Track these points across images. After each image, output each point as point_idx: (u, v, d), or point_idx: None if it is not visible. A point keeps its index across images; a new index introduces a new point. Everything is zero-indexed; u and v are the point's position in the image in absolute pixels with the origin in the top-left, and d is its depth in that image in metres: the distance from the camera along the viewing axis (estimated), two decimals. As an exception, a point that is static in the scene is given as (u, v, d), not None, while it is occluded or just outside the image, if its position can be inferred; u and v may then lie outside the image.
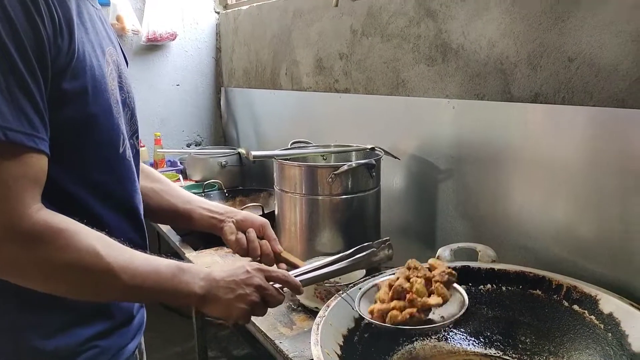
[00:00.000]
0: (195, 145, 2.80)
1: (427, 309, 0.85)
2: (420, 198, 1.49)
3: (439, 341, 1.05)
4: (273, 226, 1.11)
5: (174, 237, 1.80)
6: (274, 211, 1.73)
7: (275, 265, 1.02)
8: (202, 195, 1.95)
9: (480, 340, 1.04)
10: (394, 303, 0.86)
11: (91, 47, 0.73)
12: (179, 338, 2.35)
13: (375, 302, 0.90)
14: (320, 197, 1.35)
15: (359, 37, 1.67)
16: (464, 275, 1.09)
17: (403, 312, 0.84)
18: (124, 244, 0.73)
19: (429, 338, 1.05)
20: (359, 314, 0.90)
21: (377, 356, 0.97)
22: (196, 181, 2.33)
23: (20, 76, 0.62)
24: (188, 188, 2.22)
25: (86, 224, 0.69)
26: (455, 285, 0.92)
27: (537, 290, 1.03)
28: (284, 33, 2.10)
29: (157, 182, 1.03)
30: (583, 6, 1.02)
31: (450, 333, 1.06)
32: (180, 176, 2.40)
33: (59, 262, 0.65)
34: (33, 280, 0.67)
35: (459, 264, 1.12)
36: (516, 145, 1.18)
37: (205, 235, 1.69)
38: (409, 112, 1.49)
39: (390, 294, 0.88)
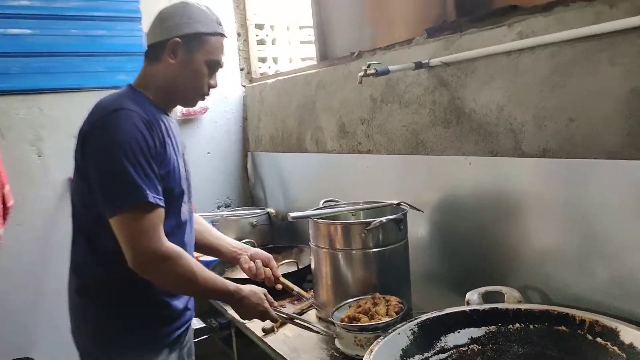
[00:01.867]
0: (225, 207, 2.97)
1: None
2: (445, 246, 1.61)
3: (476, 379, 1.14)
4: (309, 279, 1.64)
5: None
6: (308, 266, 1.86)
7: (274, 285, 1.52)
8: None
9: (514, 376, 1.13)
10: (360, 315, 1.33)
11: (172, 149, 1.26)
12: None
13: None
14: (354, 251, 1.48)
15: (379, 104, 1.86)
16: (494, 317, 1.20)
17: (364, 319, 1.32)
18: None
19: (465, 376, 1.14)
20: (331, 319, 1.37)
21: (421, 394, 1.06)
22: (230, 241, 2.48)
23: (151, 168, 1.15)
24: (223, 248, 2.37)
25: None
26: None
27: (562, 326, 1.13)
28: (309, 102, 2.32)
29: (200, 224, 1.59)
30: (575, 75, 1.19)
31: (486, 371, 1.15)
32: (215, 237, 2.54)
33: (177, 273, 1.17)
34: (164, 284, 1.21)
35: (487, 306, 1.23)
36: (530, 195, 1.32)
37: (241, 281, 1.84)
38: (429, 169, 1.65)
39: (358, 310, 1.35)
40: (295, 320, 1.39)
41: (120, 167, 1.10)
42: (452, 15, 1.66)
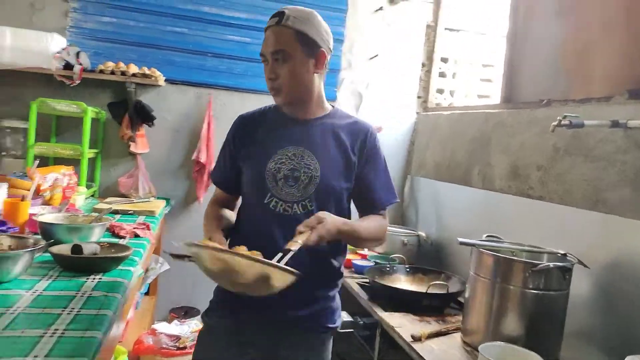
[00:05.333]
0: (378, 221, 3.17)
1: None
2: (608, 307, 1.57)
3: None
4: (452, 306, 1.61)
5: (363, 295, 2.12)
6: (456, 292, 1.96)
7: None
8: (387, 267, 2.29)
9: None
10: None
11: (267, 146, 1.34)
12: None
13: None
14: (512, 287, 1.54)
15: (561, 154, 1.88)
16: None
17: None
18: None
19: None
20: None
21: None
22: (379, 253, 2.67)
23: (226, 156, 1.44)
24: (373, 257, 2.56)
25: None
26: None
27: None
28: (484, 139, 2.40)
29: None
30: None
31: None
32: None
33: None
34: None
35: (652, 376, 1.21)
36: None
37: (394, 298, 1.99)
38: (605, 228, 1.62)
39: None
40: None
41: None
42: (662, 80, 1.63)
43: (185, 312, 2.82)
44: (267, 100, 1.43)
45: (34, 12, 2.62)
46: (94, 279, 1.24)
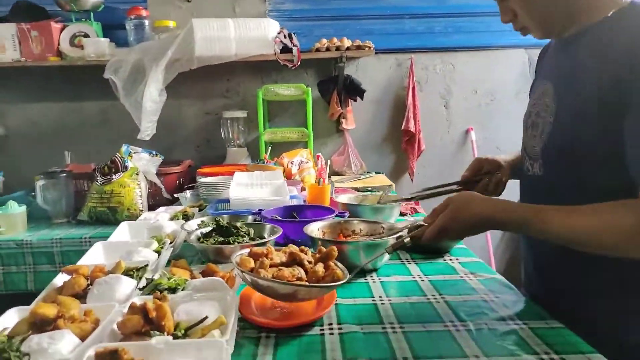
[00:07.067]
0: None
1: None
2: None
3: None
4: None
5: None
6: None
7: None
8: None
9: None
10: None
11: (541, 77, 1.01)
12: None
13: None
14: None
15: None
16: None
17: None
18: None
19: None
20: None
21: None
22: None
23: None
24: None
25: None
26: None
27: None
28: None
29: None
30: None
31: None
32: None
33: None
34: None
35: None
36: None
37: None
38: None
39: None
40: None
41: None
42: None
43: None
44: (477, 56, 1.21)
45: (236, 1, 2.65)
46: (451, 259, 1.15)
